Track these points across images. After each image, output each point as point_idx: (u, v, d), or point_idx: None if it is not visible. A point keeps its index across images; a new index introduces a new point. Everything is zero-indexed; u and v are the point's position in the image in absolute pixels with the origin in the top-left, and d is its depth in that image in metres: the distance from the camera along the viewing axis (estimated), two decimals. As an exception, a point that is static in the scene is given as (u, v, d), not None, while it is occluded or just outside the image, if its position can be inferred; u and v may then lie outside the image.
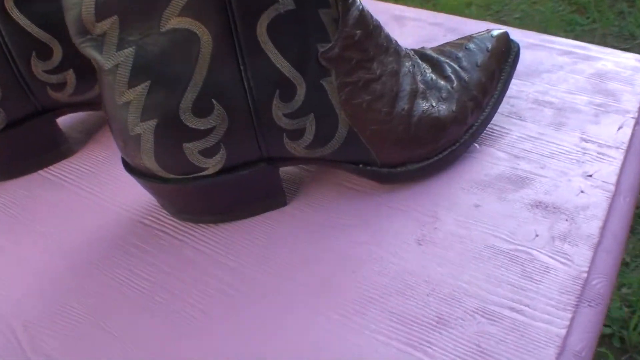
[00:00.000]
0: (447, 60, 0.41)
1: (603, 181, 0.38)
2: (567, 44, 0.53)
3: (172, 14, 0.29)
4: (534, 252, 0.33)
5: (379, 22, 0.36)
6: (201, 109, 0.31)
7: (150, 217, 0.38)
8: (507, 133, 0.43)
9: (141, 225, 0.37)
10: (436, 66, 0.40)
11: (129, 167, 0.34)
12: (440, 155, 0.38)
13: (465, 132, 0.39)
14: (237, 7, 0.30)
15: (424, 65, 0.40)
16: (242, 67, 0.31)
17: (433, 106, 0.37)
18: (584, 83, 0.47)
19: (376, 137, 0.36)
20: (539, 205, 0.36)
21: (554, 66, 0.50)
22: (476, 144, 0.42)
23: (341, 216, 0.37)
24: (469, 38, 0.43)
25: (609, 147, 0.41)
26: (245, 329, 0.31)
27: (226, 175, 0.34)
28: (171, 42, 0.30)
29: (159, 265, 0.35)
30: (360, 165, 0.37)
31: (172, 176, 0.33)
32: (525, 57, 0.51)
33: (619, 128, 0.42)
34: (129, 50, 0.30)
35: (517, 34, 0.55)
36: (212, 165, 0.33)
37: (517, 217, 0.36)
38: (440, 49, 0.42)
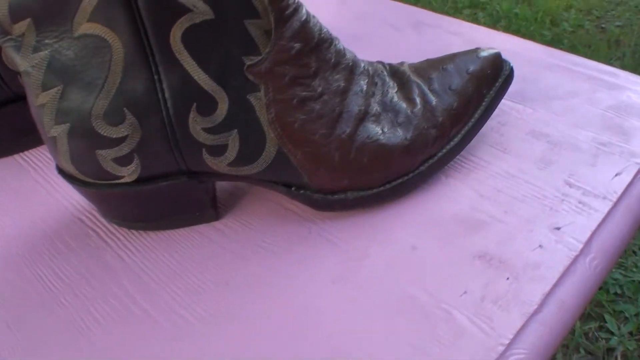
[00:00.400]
0: (418, 80, 0.37)
1: (572, 237, 0.33)
2: (596, 68, 0.46)
3: (83, 19, 0.29)
4: (454, 312, 0.29)
5: (331, 35, 0.33)
6: (113, 117, 0.30)
7: (88, 215, 0.38)
8: (483, 167, 0.38)
9: (78, 222, 0.37)
10: (405, 85, 0.37)
11: (57, 167, 0.34)
12: (388, 186, 0.35)
13: (423, 162, 0.36)
14: (147, 15, 0.28)
15: (391, 83, 0.36)
16: (156, 77, 0.30)
17: (384, 132, 0.34)
18: (595, 116, 0.41)
19: (308, 160, 0.33)
20: (483, 256, 0.32)
21: (569, 93, 0.44)
22: (443, 175, 0.38)
23: (268, 240, 0.35)
24: (452, 57, 0.38)
25: (596, 196, 0.35)
26: (128, 349, 0.30)
27: (144, 185, 0.33)
28: (84, 48, 0.29)
29: (78, 267, 0.35)
30: (293, 188, 0.34)
31: (90, 180, 0.33)
32: (542, 80, 0.46)
33: (617, 174, 0.36)
34: (44, 54, 0.30)
35: (540, 53, 0.49)
36: (128, 174, 0.32)
37: (452, 268, 0.32)
38: (417, 67, 0.38)
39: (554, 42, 1.59)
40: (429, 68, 0.38)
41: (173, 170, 0.33)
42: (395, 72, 0.38)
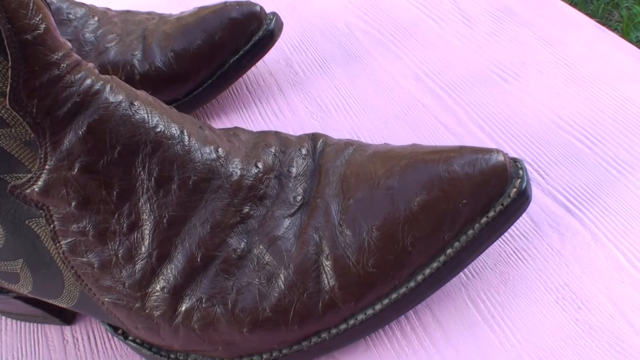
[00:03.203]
0: (335, 199, 0.23)
1: None
2: None
3: None
4: None
5: (168, 133, 0.21)
6: None
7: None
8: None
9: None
10: (311, 203, 0.23)
11: None
12: (246, 361, 0.23)
13: (305, 338, 0.22)
14: None
15: (293, 195, 0.23)
16: None
17: (234, 289, 0.22)
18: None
19: (119, 313, 0.23)
20: None
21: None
22: (363, 342, 0.24)
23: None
24: (410, 162, 0.22)
25: None
26: None
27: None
28: None
29: None
30: (120, 331, 0.24)
31: None
32: None
33: None
34: None
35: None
36: None
37: None
38: (358, 166, 0.23)
39: None
40: (361, 179, 0.23)
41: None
42: (322, 168, 0.24)
